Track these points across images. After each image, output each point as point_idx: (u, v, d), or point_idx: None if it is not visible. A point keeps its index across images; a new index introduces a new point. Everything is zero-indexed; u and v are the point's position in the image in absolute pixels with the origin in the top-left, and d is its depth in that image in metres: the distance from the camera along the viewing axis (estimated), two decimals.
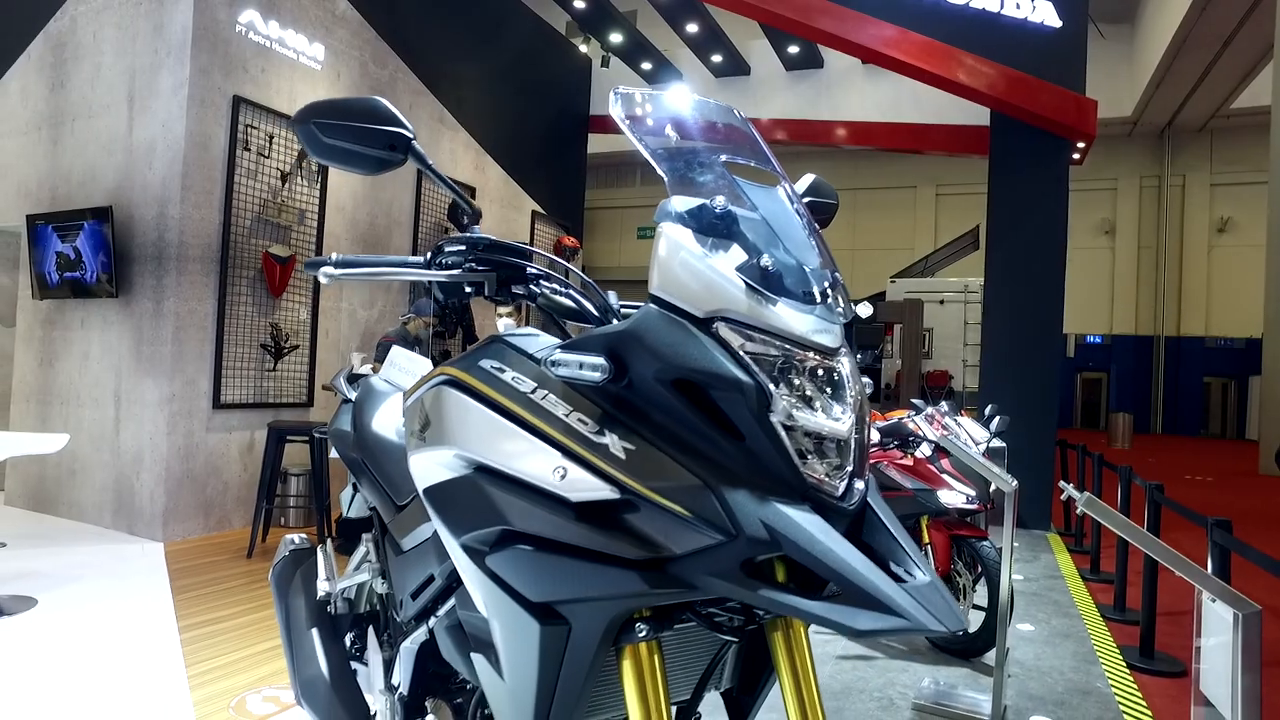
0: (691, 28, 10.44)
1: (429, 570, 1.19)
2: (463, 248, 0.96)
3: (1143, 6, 15.71)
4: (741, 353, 0.73)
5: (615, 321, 0.93)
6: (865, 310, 2.30)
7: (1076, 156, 6.76)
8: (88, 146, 4.98)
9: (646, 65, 11.19)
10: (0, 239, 5.92)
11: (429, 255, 0.98)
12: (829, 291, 0.79)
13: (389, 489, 1.47)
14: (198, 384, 4.71)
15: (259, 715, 2.47)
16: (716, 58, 11.11)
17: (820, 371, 0.75)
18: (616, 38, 10.66)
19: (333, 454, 1.92)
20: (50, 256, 4.97)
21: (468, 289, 0.96)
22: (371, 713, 1.56)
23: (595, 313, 0.95)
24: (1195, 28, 13.36)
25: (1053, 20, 6.00)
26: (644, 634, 0.77)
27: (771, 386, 0.72)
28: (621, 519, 0.73)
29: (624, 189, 23.20)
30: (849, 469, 0.74)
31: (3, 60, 5.52)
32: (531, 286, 0.97)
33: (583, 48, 10.15)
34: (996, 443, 4.18)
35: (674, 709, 0.98)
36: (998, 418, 4.24)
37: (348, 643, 1.69)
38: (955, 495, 3.32)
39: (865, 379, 0.82)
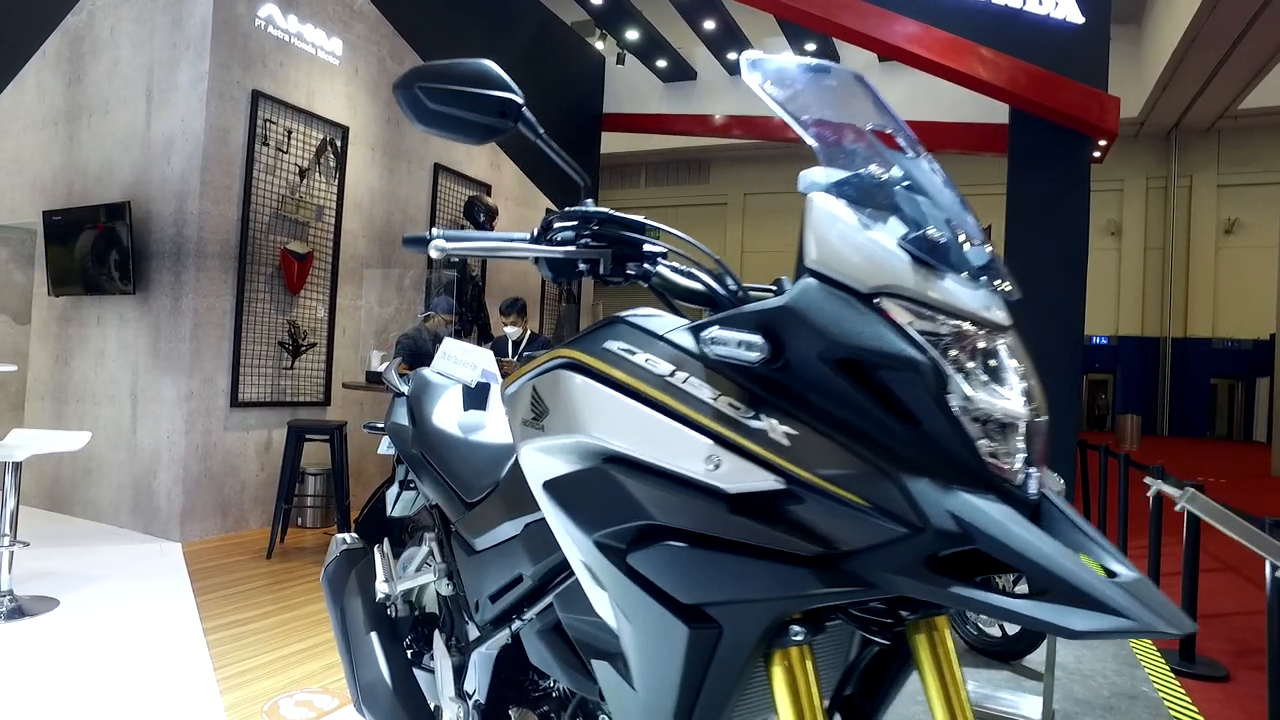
0: (709, 24, 10.38)
1: (515, 571, 1.13)
2: (575, 222, 0.90)
3: (1151, 7, 15.66)
4: (911, 330, 0.67)
5: (744, 303, 0.87)
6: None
7: (1097, 155, 6.70)
8: (105, 141, 4.93)
9: (661, 63, 11.11)
10: (14, 235, 5.87)
11: (536, 230, 0.93)
12: (993, 264, 0.74)
13: (456, 486, 1.41)
14: (215, 382, 4.65)
15: None
16: (732, 55, 11.04)
17: (991, 350, 0.70)
18: (632, 34, 10.60)
19: (382, 449, 1.86)
20: (66, 253, 4.92)
21: (581, 266, 0.90)
22: None
23: (723, 293, 0.89)
24: (1205, 27, 13.29)
25: (1075, 17, 5.94)
26: (800, 637, 0.71)
27: (947, 366, 0.66)
28: (785, 511, 0.67)
29: (629, 189, 23.16)
30: (1029, 456, 0.68)
31: (19, 56, 5.46)
32: (646, 265, 0.92)
33: (598, 44, 10.10)
34: None
35: None
36: None
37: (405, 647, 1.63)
38: None
39: None
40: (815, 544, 0.65)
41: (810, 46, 9.91)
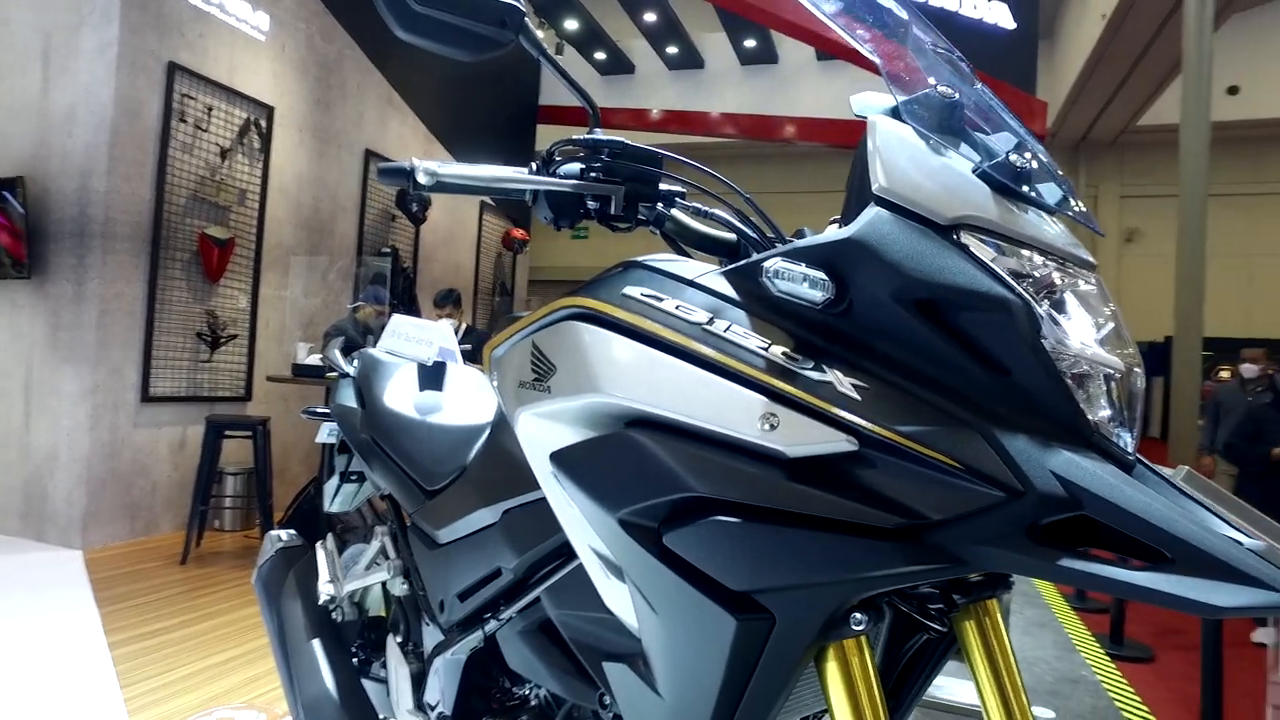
0: (649, 17, 10.32)
1: (491, 564, 1.00)
2: (582, 153, 0.79)
3: (1060, 24, 16.48)
4: (996, 267, 0.59)
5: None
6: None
7: None
8: None
9: (600, 55, 11.00)
10: None
11: (536, 164, 0.81)
12: (1071, 198, 0.68)
13: (414, 474, 1.26)
14: (124, 374, 4.28)
15: None
16: (671, 49, 11.02)
17: (1075, 292, 0.63)
18: (571, 24, 10.44)
19: (323, 437, 1.68)
20: None
21: (589, 204, 0.78)
22: None
23: (756, 238, 0.79)
24: (1109, 48, 14.06)
25: (1007, 22, 6.14)
26: (862, 627, 0.61)
27: (1040, 308, 0.59)
28: (857, 477, 0.57)
29: None
30: (1127, 413, 0.61)
31: None
32: (660, 207, 0.81)
33: (537, 34, 9.88)
34: None
35: None
36: None
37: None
38: None
39: None
40: (895, 514, 0.56)
41: (750, 43, 9.98)
